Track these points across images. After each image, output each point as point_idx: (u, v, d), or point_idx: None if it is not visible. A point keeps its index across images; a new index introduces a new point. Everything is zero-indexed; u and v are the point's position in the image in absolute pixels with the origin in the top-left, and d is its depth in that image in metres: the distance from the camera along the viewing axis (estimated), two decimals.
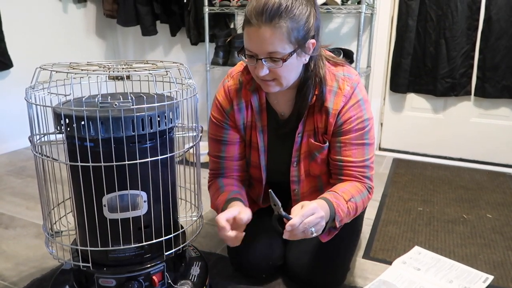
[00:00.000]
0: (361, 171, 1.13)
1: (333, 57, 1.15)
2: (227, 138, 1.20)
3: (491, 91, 2.30)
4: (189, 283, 1.04)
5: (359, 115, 1.10)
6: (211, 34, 2.65)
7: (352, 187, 1.11)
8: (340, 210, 1.05)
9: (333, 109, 1.10)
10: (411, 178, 2.20)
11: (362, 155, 1.12)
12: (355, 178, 1.13)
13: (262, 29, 0.95)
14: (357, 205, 1.09)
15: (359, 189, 1.12)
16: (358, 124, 1.10)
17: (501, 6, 2.17)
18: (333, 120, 1.10)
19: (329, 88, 1.10)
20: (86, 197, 0.92)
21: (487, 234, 1.60)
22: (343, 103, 1.09)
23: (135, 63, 1.03)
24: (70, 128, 0.87)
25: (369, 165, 1.14)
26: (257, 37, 0.96)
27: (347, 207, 1.07)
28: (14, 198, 1.89)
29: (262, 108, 1.17)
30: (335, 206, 1.04)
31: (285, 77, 1.04)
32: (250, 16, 0.96)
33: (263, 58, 0.99)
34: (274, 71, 1.01)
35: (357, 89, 1.10)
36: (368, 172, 1.14)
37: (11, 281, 1.26)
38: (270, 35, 0.95)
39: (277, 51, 0.97)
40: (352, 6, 2.21)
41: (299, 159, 1.18)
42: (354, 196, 1.09)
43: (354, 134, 1.10)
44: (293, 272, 1.22)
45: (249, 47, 1.00)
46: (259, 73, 1.01)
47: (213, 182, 1.24)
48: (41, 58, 2.66)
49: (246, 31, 0.99)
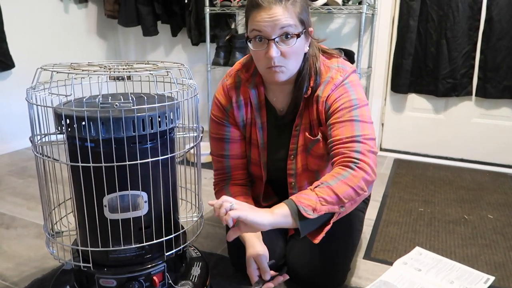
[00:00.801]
0: (348, 147, 1.01)
1: (327, 49, 1.18)
2: (229, 135, 1.22)
3: (492, 92, 2.30)
4: (190, 284, 1.04)
5: (345, 95, 1.08)
6: (212, 35, 2.65)
7: (325, 176, 1.00)
8: (302, 200, 0.95)
9: (322, 96, 1.11)
10: (412, 178, 2.20)
11: (352, 132, 1.03)
12: (341, 155, 1.01)
13: (274, 8, 0.99)
14: (332, 188, 0.96)
15: (336, 172, 0.99)
16: (344, 103, 1.07)
17: (502, 7, 2.17)
18: (322, 108, 1.11)
19: (322, 79, 1.12)
20: (86, 197, 0.92)
21: (488, 234, 1.59)
22: (331, 90, 1.10)
23: (136, 64, 1.03)
24: (71, 128, 0.87)
25: (361, 141, 1.02)
26: (270, 16, 0.99)
27: (315, 194, 0.96)
28: (15, 198, 1.89)
29: (262, 105, 1.19)
30: (294, 199, 0.96)
31: (294, 60, 1.06)
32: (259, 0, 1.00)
33: (275, 37, 1.01)
34: (284, 52, 1.03)
35: (347, 78, 1.11)
36: (358, 146, 1.01)
37: (12, 281, 1.26)
38: (283, 11, 1.00)
39: (290, 24, 1.00)
40: (353, 7, 2.21)
41: (296, 152, 1.19)
42: (325, 181, 0.98)
43: (341, 113, 1.07)
44: (293, 272, 1.21)
45: (259, 28, 1.01)
46: (271, 54, 1.02)
47: (221, 189, 1.25)
48: (43, 58, 2.66)
49: (255, 14, 1.01)
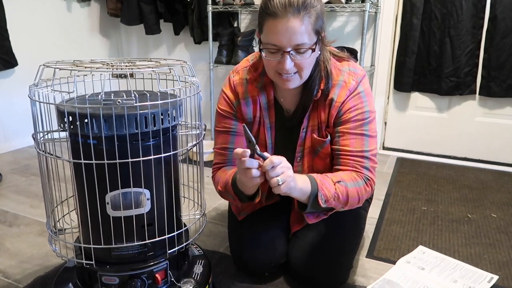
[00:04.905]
0: (358, 161, 1.09)
1: (338, 52, 1.16)
2: (236, 128, 1.20)
3: (496, 90, 2.28)
4: (192, 281, 1.04)
5: (359, 106, 1.09)
6: (214, 33, 2.65)
7: (345, 174, 1.09)
8: (324, 188, 1.02)
9: (336, 101, 1.10)
10: (415, 177, 2.19)
11: (361, 146, 1.09)
12: (352, 167, 1.10)
13: (290, 20, 0.95)
14: (348, 191, 1.05)
15: (353, 177, 1.08)
16: (358, 115, 1.09)
17: (507, 5, 2.15)
18: (335, 112, 1.10)
19: (334, 82, 1.10)
20: (89, 194, 0.92)
21: (492, 233, 1.59)
22: (346, 96, 1.09)
23: (138, 61, 1.03)
24: (74, 125, 0.87)
25: (369, 157, 1.10)
26: (286, 29, 0.95)
27: (334, 188, 1.04)
28: (18, 196, 1.89)
29: (270, 105, 1.17)
30: (318, 183, 1.02)
31: (307, 69, 1.04)
32: (275, 8, 0.95)
33: (290, 50, 0.98)
34: (299, 63, 1.01)
35: (361, 83, 1.10)
36: (368, 163, 1.10)
37: (14, 278, 1.27)
38: (299, 24, 0.95)
39: (305, 42, 0.97)
40: (356, 5, 2.20)
41: (302, 154, 1.18)
42: (345, 180, 1.06)
43: (353, 124, 1.09)
44: (295, 270, 1.21)
45: (274, 40, 0.98)
46: (284, 66, 1.00)
47: (217, 171, 1.23)
48: (46, 57, 2.66)
49: (270, 24, 0.97)
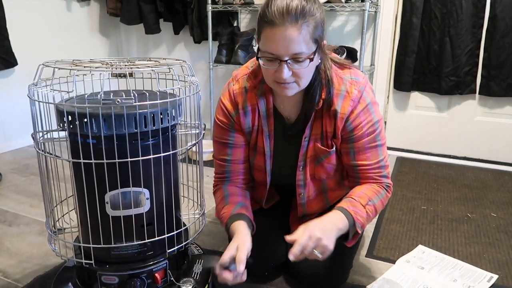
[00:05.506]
0: (377, 172, 1.13)
1: (339, 59, 1.13)
2: (233, 141, 1.19)
3: (496, 90, 2.28)
4: (192, 281, 1.04)
5: (369, 119, 1.09)
6: (214, 32, 2.65)
7: (369, 190, 1.12)
8: (359, 217, 1.07)
9: (341, 113, 1.08)
10: (415, 176, 2.19)
11: (377, 157, 1.12)
12: (372, 179, 1.14)
13: (288, 29, 0.92)
14: (375, 207, 1.11)
15: (376, 190, 1.13)
16: (369, 128, 1.10)
17: (506, 4, 2.15)
18: (341, 124, 1.09)
19: (336, 92, 1.08)
20: (88, 194, 0.92)
21: (492, 233, 1.59)
22: (351, 107, 1.07)
23: (137, 60, 1.02)
24: (73, 125, 0.87)
25: (384, 165, 1.14)
26: (283, 37, 0.93)
27: (365, 212, 1.08)
28: (17, 195, 1.89)
29: (269, 113, 1.15)
30: (353, 214, 1.06)
31: (306, 78, 1.02)
32: (273, 16, 0.92)
33: (288, 59, 0.96)
34: (297, 72, 0.98)
35: (364, 92, 1.09)
36: (384, 171, 1.15)
37: (14, 278, 1.27)
38: (297, 34, 0.93)
39: (303, 51, 0.95)
40: (356, 4, 2.20)
41: (305, 163, 1.17)
42: (372, 198, 1.10)
43: (366, 139, 1.10)
44: (295, 270, 1.21)
45: (271, 49, 0.96)
46: (282, 75, 0.97)
47: (219, 189, 1.23)
48: (45, 56, 2.65)
49: (268, 32, 0.95)
